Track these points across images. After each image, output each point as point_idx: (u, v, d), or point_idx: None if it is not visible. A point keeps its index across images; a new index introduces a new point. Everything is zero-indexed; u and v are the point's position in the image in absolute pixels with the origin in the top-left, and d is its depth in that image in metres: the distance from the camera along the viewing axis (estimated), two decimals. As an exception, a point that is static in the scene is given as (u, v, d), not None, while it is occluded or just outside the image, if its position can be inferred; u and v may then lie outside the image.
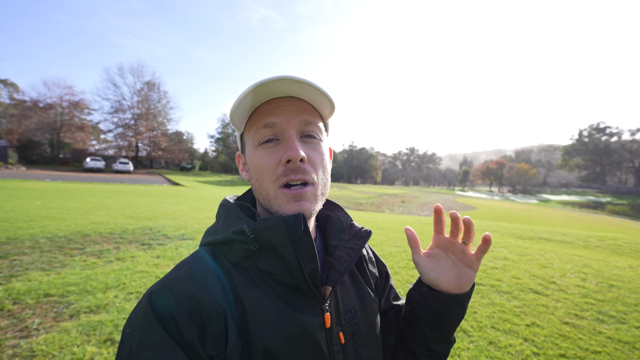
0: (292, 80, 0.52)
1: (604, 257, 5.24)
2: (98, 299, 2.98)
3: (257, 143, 0.56)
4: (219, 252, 0.56)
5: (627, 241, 6.64)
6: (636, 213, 37.46)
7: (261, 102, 0.56)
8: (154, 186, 19.34)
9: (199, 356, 0.46)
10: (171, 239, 5.46)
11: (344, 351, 0.58)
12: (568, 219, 20.10)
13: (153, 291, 0.50)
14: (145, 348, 0.44)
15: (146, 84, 46.11)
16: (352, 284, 0.67)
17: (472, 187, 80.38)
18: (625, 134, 70.90)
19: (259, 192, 0.58)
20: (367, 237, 0.65)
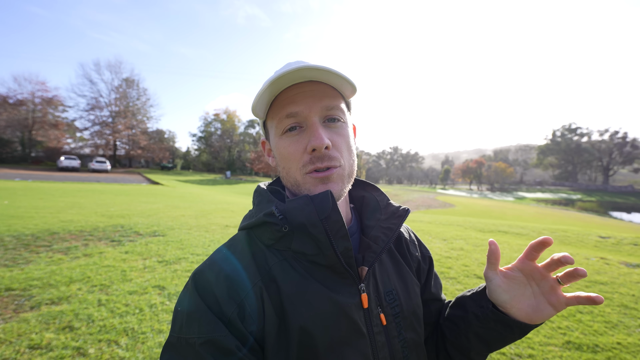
0: (312, 68, 0.52)
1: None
2: (61, 291, 3.06)
3: (280, 132, 0.57)
4: (254, 235, 0.59)
5: (575, 233, 7.20)
6: (603, 209, 39.64)
7: (280, 90, 0.57)
8: (131, 185, 18.94)
9: (239, 331, 0.49)
10: (142, 236, 5.50)
11: (387, 332, 0.57)
12: (539, 215, 21.10)
13: (197, 272, 0.54)
14: (192, 323, 0.48)
15: (124, 80, 44.80)
16: (393, 266, 0.66)
17: (452, 185, 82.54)
18: (594, 134, 74.74)
19: (287, 179, 0.59)
20: (404, 215, 0.63)
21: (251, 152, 47.80)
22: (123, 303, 2.87)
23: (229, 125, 55.82)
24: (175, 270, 3.82)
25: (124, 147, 45.12)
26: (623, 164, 71.42)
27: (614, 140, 70.89)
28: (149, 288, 3.24)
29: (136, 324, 2.52)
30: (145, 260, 4.14)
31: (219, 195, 17.59)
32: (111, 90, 43.72)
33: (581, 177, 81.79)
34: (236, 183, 33.66)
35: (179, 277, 3.59)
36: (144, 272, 3.71)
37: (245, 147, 56.98)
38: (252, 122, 60.18)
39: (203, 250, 4.69)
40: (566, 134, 78.10)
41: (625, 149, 69.72)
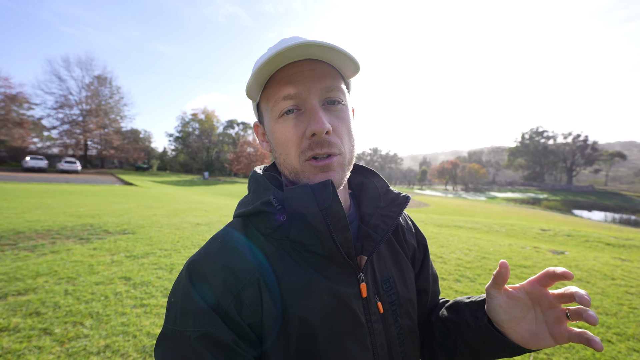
0: (312, 44, 0.49)
1: (495, 239, 6.32)
2: (27, 284, 3.21)
3: (277, 115, 0.54)
4: (251, 223, 0.56)
5: (521, 227, 7.94)
6: (565, 207, 42.35)
7: (277, 69, 0.53)
8: (103, 186, 18.45)
9: (237, 323, 0.47)
10: (112, 234, 5.60)
11: (383, 320, 0.57)
12: (507, 213, 22.38)
13: (191, 262, 0.51)
14: (187, 316, 0.47)
15: (96, 78, 43.20)
16: (390, 254, 0.65)
17: (429, 185, 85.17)
18: (559, 137, 79.55)
19: (285, 166, 0.57)
20: (405, 203, 0.61)
21: (230, 153, 47.31)
22: (89, 292, 3.08)
23: (207, 126, 54.96)
24: (143, 263, 4.02)
25: (96, 147, 43.48)
26: (585, 165, 76.43)
27: (577, 143, 75.78)
28: (115, 279, 3.44)
29: (101, 308, 2.75)
30: (113, 256, 4.30)
31: (195, 196, 17.48)
32: (82, 87, 42.09)
33: (548, 178, 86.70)
34: (214, 184, 33.29)
35: (145, 269, 3.80)
36: (111, 265, 3.90)
37: (224, 148, 56.27)
38: (231, 123, 59.57)
39: (171, 246, 4.90)
40: (534, 136, 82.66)
41: (587, 152, 74.70)
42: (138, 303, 2.89)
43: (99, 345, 2.20)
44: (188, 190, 23.56)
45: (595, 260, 4.73)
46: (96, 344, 2.22)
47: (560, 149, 78.38)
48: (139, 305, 2.85)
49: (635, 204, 51.85)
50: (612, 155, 74.29)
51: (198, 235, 5.79)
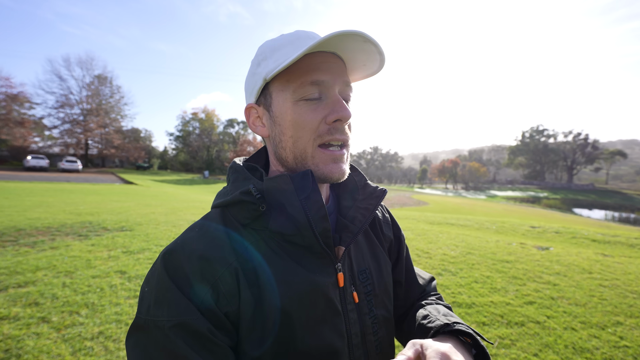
0: (369, 39, 0.50)
1: (484, 235, 6.46)
2: (27, 277, 3.38)
3: (298, 97, 0.53)
4: (229, 214, 0.56)
5: (511, 224, 8.09)
6: (565, 206, 42.40)
7: (305, 54, 0.52)
8: (103, 185, 18.65)
9: (213, 313, 0.47)
10: (110, 231, 5.76)
11: (358, 310, 0.59)
12: (506, 212, 22.51)
13: (167, 252, 0.51)
14: (161, 305, 0.46)
15: (96, 77, 43.36)
16: (367, 245, 0.67)
17: (430, 184, 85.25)
18: (559, 135, 79.45)
19: (291, 149, 0.56)
20: (381, 196, 0.63)
21: (230, 152, 47.53)
22: (86, 284, 3.24)
23: (207, 125, 55.14)
24: (138, 258, 4.18)
25: (97, 146, 43.73)
26: (585, 163, 76.35)
27: (577, 142, 75.68)
28: (111, 273, 3.60)
29: (96, 299, 2.91)
30: (111, 251, 4.46)
31: (194, 194, 17.67)
32: (82, 87, 42.27)
33: (548, 176, 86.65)
34: (214, 183, 33.49)
35: (140, 263, 3.96)
36: (108, 260, 4.06)
37: (225, 147, 56.46)
38: (232, 122, 59.72)
39: (167, 242, 5.05)
40: (534, 135, 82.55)
41: (587, 150, 74.60)
42: (132, 294, 3.05)
43: (93, 332, 2.36)
44: (187, 189, 23.75)
45: (578, 255, 4.87)
46: (90, 331, 2.37)
47: (561, 147, 78.30)
48: (133, 296, 3.01)
49: (636, 203, 51.85)
50: (612, 154, 74.19)
51: (194, 232, 5.95)
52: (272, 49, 0.55)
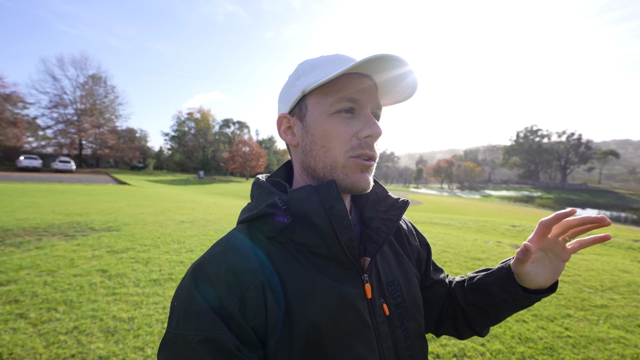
0: (391, 60, 0.52)
1: (464, 234, 6.64)
2: (10, 276, 3.48)
3: (333, 110, 0.56)
4: (255, 227, 0.57)
5: (492, 223, 8.29)
6: (558, 205, 42.90)
7: (348, 72, 0.55)
8: (96, 185, 18.64)
9: (240, 327, 0.47)
10: (97, 231, 5.85)
11: (389, 323, 0.58)
12: (499, 211, 22.76)
13: (195, 266, 0.52)
14: (190, 320, 0.47)
15: (91, 77, 43.15)
16: (394, 257, 0.67)
17: (426, 184, 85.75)
18: (553, 136, 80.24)
19: (321, 159, 0.58)
20: (404, 207, 0.64)
21: (226, 152, 47.50)
22: (67, 283, 3.35)
23: (203, 125, 55.07)
24: (121, 258, 4.29)
25: (91, 146, 43.56)
26: (578, 163, 77.18)
27: (570, 142, 76.47)
28: (93, 272, 3.71)
29: (75, 297, 3.02)
30: (95, 251, 4.57)
31: (187, 195, 17.72)
32: (76, 87, 42.02)
33: (542, 176, 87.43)
34: (209, 183, 33.51)
35: (122, 262, 4.08)
36: (91, 260, 4.17)
37: (220, 147, 56.42)
38: (227, 122, 59.67)
39: (152, 242, 5.16)
40: (528, 135, 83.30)
41: (580, 150, 75.43)
42: (110, 292, 3.16)
43: (68, 327, 2.48)
44: (181, 189, 23.77)
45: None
46: (66, 326, 2.50)
47: (555, 147, 79.11)
48: (111, 294, 3.13)
49: (627, 202, 52.55)
50: (605, 154, 75.05)
51: (180, 232, 6.05)
52: (313, 66, 0.59)
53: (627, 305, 3.14)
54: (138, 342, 2.32)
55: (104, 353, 2.16)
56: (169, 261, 4.19)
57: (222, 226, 6.75)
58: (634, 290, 3.51)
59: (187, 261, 4.21)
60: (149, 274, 3.70)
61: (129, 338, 2.36)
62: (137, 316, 2.69)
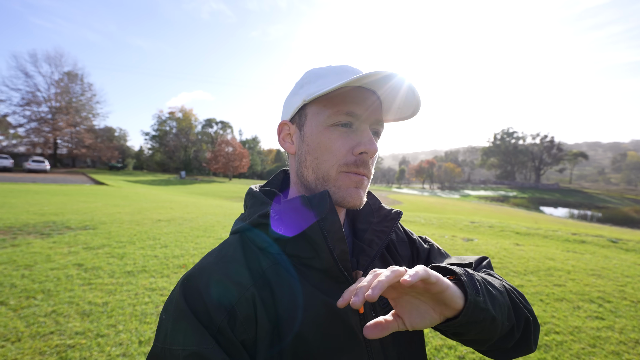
0: (411, 89, 0.54)
1: (425, 230, 7.21)
2: (-13, 270, 3.69)
3: (331, 123, 0.56)
4: (247, 238, 0.57)
5: (454, 219, 8.94)
6: (532, 204, 45.02)
7: (350, 85, 0.54)
8: (72, 185, 18.27)
9: (229, 340, 0.46)
10: (73, 230, 6.00)
11: (381, 339, 0.56)
12: (475, 210, 23.76)
13: (185, 278, 0.51)
14: (177, 334, 0.46)
15: (66, 74, 41.79)
16: None
17: (408, 184, 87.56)
18: (528, 138, 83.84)
19: (313, 170, 0.57)
20: (397, 218, 0.64)
21: (208, 152, 47.07)
22: (44, 275, 3.59)
23: (185, 124, 54.30)
24: (97, 253, 4.53)
25: (66, 145, 42.19)
26: (551, 164, 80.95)
27: (544, 144, 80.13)
28: (69, 265, 3.96)
29: (52, 287, 3.29)
30: (71, 248, 4.78)
31: (167, 195, 17.67)
32: (50, 84, 40.63)
33: (518, 176, 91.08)
34: (191, 183, 33.21)
35: (98, 257, 4.33)
36: (68, 255, 4.39)
37: (203, 147, 55.80)
38: (210, 122, 59.07)
39: (128, 239, 5.40)
40: (505, 137, 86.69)
41: (553, 151, 79.18)
42: (86, 282, 3.44)
43: (46, 311, 2.77)
44: (162, 189, 23.55)
45: (494, 245, 5.65)
46: (44, 310, 2.78)
47: (530, 149, 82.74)
48: (87, 284, 3.41)
49: (594, 201, 55.75)
50: (575, 155, 79.18)
51: (156, 229, 6.29)
52: (317, 76, 0.59)
53: (539, 285, 3.71)
54: (111, 320, 2.64)
55: (79, 329, 2.48)
56: (143, 255, 4.47)
57: (198, 224, 7.02)
58: (550, 273, 4.10)
59: (161, 255, 4.51)
60: (124, 266, 3.98)
61: (103, 318, 2.68)
62: (111, 301, 3.00)
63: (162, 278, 3.64)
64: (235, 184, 36.15)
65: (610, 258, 5.11)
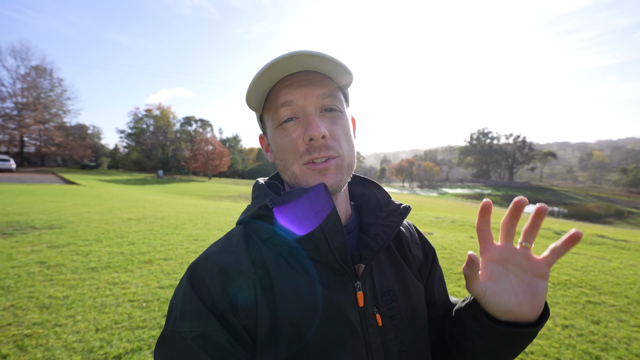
0: (304, 54, 0.50)
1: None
2: (-56, 269, 3.67)
3: (277, 123, 0.56)
4: (250, 229, 0.59)
5: (419, 215, 9.38)
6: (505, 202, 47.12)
7: (276, 81, 0.55)
8: (40, 185, 17.56)
9: (232, 325, 0.49)
10: (38, 229, 5.90)
11: (382, 334, 0.56)
12: (450, 207, 24.59)
13: (192, 266, 0.54)
14: (185, 317, 0.49)
15: (33, 68, 39.79)
16: (392, 266, 0.64)
17: (389, 183, 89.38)
18: (502, 138, 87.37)
19: (285, 172, 0.59)
20: (405, 213, 0.62)
21: (187, 150, 46.12)
22: (4, 273, 3.61)
23: (162, 122, 52.91)
24: (61, 251, 4.55)
25: (34, 143, 40.18)
26: (523, 163, 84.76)
27: (516, 144, 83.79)
28: (32, 263, 3.98)
29: (12, 283, 3.33)
30: (35, 247, 4.75)
31: (142, 194, 17.31)
32: (16, 79, 38.54)
33: (493, 175, 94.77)
34: (168, 182, 32.48)
35: (62, 255, 4.36)
36: (31, 254, 4.39)
37: (182, 145, 54.59)
38: (189, 120, 57.84)
39: (95, 237, 5.41)
40: (481, 137, 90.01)
41: (525, 151, 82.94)
42: (47, 279, 3.50)
43: (5, 305, 2.84)
44: (137, 189, 22.97)
45: (450, 238, 6.06)
46: (2, 304, 2.85)
47: (503, 148, 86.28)
48: (48, 280, 3.47)
49: (562, 198, 59.06)
50: (545, 155, 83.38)
51: (125, 228, 6.30)
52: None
53: (479, 271, 4.09)
54: (70, 312, 2.75)
55: (37, 321, 2.58)
56: (109, 252, 4.53)
57: (169, 222, 7.05)
58: (491, 261, 4.50)
59: (127, 252, 4.58)
60: (88, 263, 4.05)
61: (62, 310, 2.78)
62: (71, 295, 3.10)
63: (126, 273, 3.75)
64: (214, 183, 35.67)
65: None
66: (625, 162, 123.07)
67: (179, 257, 4.42)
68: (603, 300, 3.37)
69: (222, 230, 6.26)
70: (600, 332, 2.71)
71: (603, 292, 3.57)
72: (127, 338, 2.38)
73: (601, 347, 2.48)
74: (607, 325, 2.82)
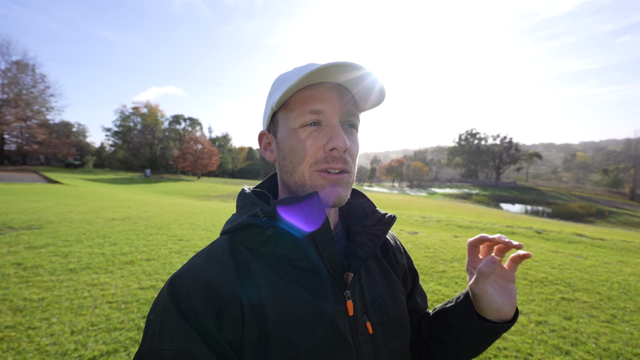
0: (352, 68, 0.52)
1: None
2: None
3: (298, 125, 0.55)
4: (237, 239, 0.57)
5: (407, 215, 9.51)
6: (491, 202, 48.09)
7: (307, 84, 0.54)
8: (21, 184, 17.05)
9: (216, 341, 0.47)
10: (16, 230, 5.74)
11: (373, 342, 0.56)
12: (438, 207, 24.94)
13: (173, 278, 0.51)
14: (165, 334, 0.46)
15: (14, 64, 38.62)
16: (380, 273, 0.65)
17: (379, 183, 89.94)
18: (489, 139, 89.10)
19: (291, 175, 0.57)
20: (391, 222, 0.63)
21: (176, 149, 45.46)
22: (-23, 275, 3.51)
23: (150, 120, 52.01)
24: (39, 252, 4.43)
25: (15, 141, 39.06)
26: (510, 163, 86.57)
27: (503, 144, 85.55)
28: (7, 265, 3.87)
29: (-14, 285, 3.24)
30: (12, 248, 4.62)
31: (129, 194, 16.99)
32: (-4, 74, 37.29)
33: (481, 175, 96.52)
34: (156, 182, 31.97)
35: (40, 256, 4.24)
36: (7, 255, 4.26)
37: (170, 144, 53.78)
38: (177, 118, 57.03)
39: (75, 238, 5.29)
40: (469, 138, 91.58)
41: (511, 152, 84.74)
42: (23, 280, 3.41)
43: (-24, 308, 2.76)
44: (124, 188, 22.52)
45: (435, 237, 6.17)
46: (-26, 307, 2.77)
47: (491, 149, 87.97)
48: (24, 282, 3.39)
49: (547, 198, 60.55)
50: (531, 155, 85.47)
51: (108, 228, 6.18)
52: (282, 81, 0.58)
53: (460, 270, 4.20)
54: (45, 314, 2.69)
55: (10, 324, 2.52)
56: (89, 253, 4.44)
57: (154, 222, 6.95)
58: (472, 260, 4.62)
59: (108, 253, 4.50)
60: (67, 264, 3.96)
61: (37, 312, 2.72)
62: (47, 297, 3.03)
63: (106, 274, 3.69)
64: (203, 182, 35.26)
65: (529, 246, 5.79)
66: (607, 163, 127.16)
67: (161, 258, 4.37)
68: (576, 297, 3.50)
69: (208, 230, 6.23)
70: (571, 327, 2.81)
71: (577, 289, 3.70)
72: (103, 340, 2.35)
73: (571, 342, 2.58)
74: (579, 321, 2.93)
